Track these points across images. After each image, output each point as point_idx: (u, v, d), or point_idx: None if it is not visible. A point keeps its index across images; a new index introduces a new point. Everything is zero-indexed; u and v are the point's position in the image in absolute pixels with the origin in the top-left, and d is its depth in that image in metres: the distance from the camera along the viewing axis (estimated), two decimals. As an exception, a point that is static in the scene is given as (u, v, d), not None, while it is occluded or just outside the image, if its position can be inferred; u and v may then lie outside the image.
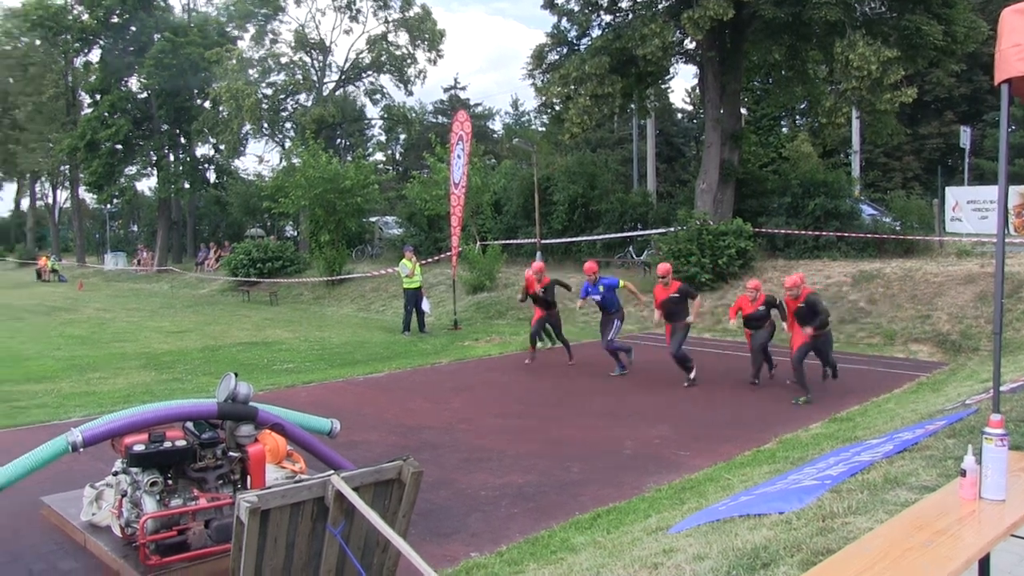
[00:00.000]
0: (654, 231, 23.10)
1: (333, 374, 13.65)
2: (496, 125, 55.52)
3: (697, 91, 33.86)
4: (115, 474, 6.25)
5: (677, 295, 12.22)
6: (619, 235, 24.68)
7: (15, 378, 13.81)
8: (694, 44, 22.26)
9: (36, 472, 5.87)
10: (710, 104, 22.12)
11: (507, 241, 26.47)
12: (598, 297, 13.15)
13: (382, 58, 40.86)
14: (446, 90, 54.88)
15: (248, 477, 6.15)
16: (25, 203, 72.54)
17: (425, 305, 19.00)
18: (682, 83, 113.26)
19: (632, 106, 25.46)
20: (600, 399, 11.28)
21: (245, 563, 4.20)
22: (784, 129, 37.99)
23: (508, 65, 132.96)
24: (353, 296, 26.68)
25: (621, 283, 13.37)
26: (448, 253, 22.79)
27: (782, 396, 11.07)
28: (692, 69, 32.00)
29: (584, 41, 22.88)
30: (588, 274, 13.22)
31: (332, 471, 4.61)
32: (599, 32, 22.41)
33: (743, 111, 28.33)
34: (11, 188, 75.90)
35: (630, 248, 24.91)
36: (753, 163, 25.64)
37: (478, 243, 25.28)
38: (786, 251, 20.77)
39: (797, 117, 38.97)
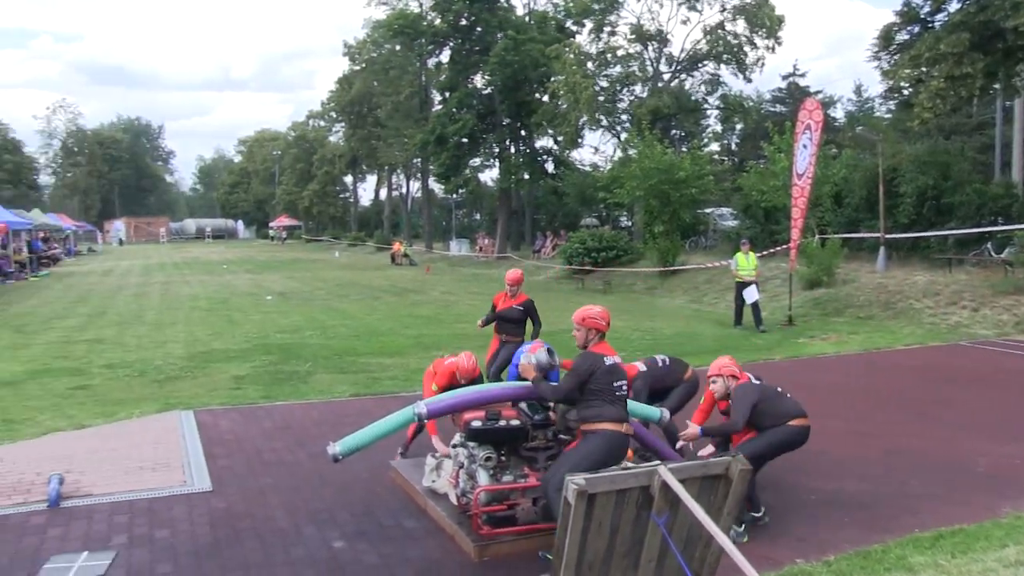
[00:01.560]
0: (1020, 226, 20.86)
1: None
2: (837, 113, 52.66)
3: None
4: (454, 447, 6.72)
5: None
6: (976, 230, 22.54)
7: (371, 351, 15.28)
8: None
9: (386, 437, 6.50)
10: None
11: (847, 235, 25.10)
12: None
13: (719, 47, 40.14)
14: (784, 77, 52.83)
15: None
16: (383, 193, 79.77)
17: (748, 295, 18.26)
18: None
19: (996, 86, 23.10)
20: (949, 408, 10.42)
21: (569, 543, 4.34)
22: None
23: (850, 49, 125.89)
24: (685, 287, 26.60)
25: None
26: (784, 246, 22.03)
27: None
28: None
29: (939, 17, 21.05)
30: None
31: (659, 461, 4.65)
32: (958, 5, 20.51)
33: None
34: (372, 179, 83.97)
35: (988, 245, 22.67)
36: None
37: (816, 236, 24.22)
38: None
39: None
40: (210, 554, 6.04)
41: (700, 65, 42.52)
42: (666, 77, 42.14)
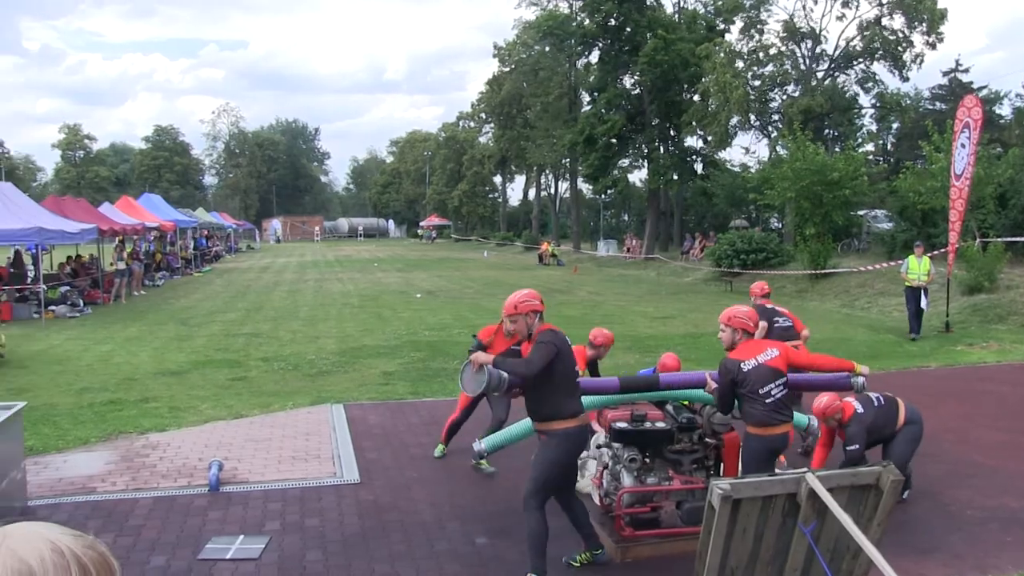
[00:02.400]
0: None
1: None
2: (1003, 110, 49.63)
3: None
4: (598, 447, 6.71)
5: None
6: None
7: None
8: None
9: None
10: None
11: (1013, 239, 23.66)
12: None
13: (875, 43, 38.45)
14: (945, 73, 50.24)
15: (721, 464, 6.26)
16: (532, 193, 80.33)
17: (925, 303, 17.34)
18: None
19: None
20: None
21: (713, 548, 4.28)
22: None
23: (1018, 41, 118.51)
24: (837, 291, 25.71)
25: None
26: (942, 250, 20.98)
27: None
28: None
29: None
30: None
31: (806, 468, 4.51)
32: None
33: None
34: (520, 180, 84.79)
35: None
36: None
37: (978, 240, 22.94)
38: None
39: None
40: (357, 544, 6.23)
41: (855, 63, 40.92)
42: (819, 75, 40.77)
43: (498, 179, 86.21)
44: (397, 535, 6.35)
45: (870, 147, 48.65)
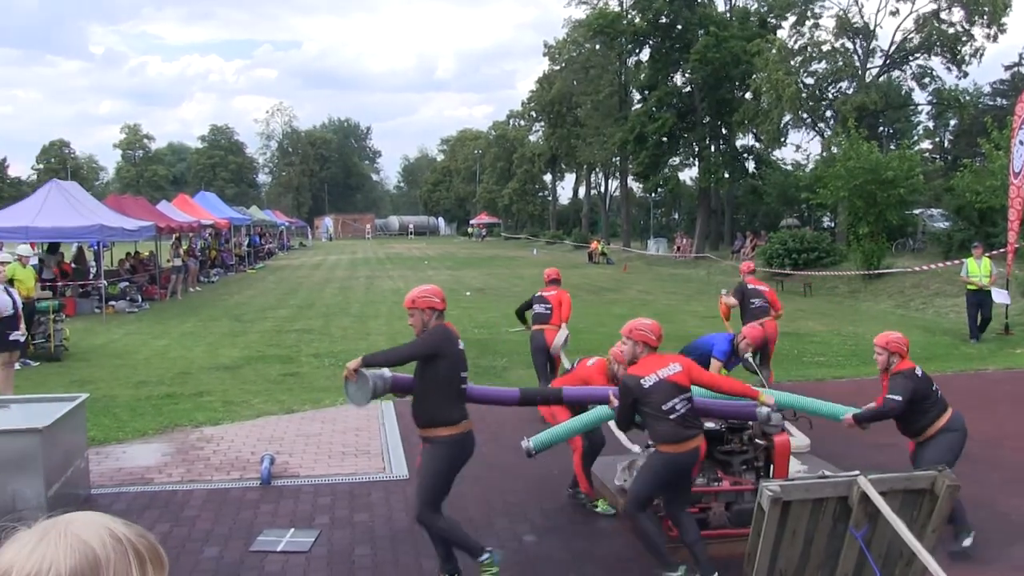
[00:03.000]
0: None
1: (865, 371, 13.10)
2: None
3: None
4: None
5: None
6: None
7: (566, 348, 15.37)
8: None
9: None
10: None
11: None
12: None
13: (932, 37, 37.55)
14: (1007, 68, 49.06)
15: (771, 466, 6.20)
16: (581, 191, 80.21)
17: (1000, 297, 16.81)
18: None
19: None
20: None
21: (762, 550, 4.25)
22: None
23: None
24: (891, 292, 25.28)
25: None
26: (1001, 250, 20.53)
27: None
28: None
29: None
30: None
31: (858, 471, 4.46)
32: None
33: None
34: (570, 178, 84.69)
35: None
36: None
37: (1039, 239, 22.43)
38: None
39: None
40: (405, 539, 6.30)
41: (911, 58, 40.11)
42: (873, 72, 40.06)
43: (548, 177, 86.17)
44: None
45: (926, 144, 47.72)
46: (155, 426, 9.60)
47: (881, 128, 42.86)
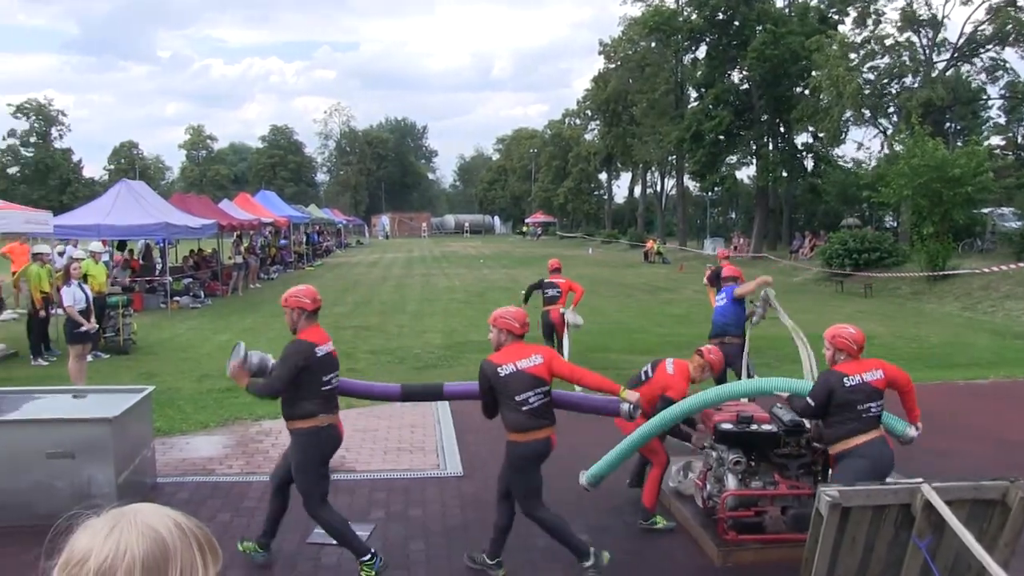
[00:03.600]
0: None
1: (929, 375, 12.85)
2: None
3: None
4: (702, 449, 6.63)
5: None
6: None
7: (621, 348, 15.36)
8: None
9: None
10: None
11: None
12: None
13: (1006, 27, 36.20)
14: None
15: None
16: (637, 190, 79.80)
17: None
18: None
19: None
20: None
21: (819, 557, 4.19)
22: None
23: None
24: (957, 293, 24.68)
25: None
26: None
27: None
28: None
29: None
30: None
31: (921, 479, 4.37)
32: None
33: None
34: (626, 177, 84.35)
35: None
36: None
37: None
38: None
39: None
40: (459, 536, 6.34)
41: (981, 50, 38.95)
42: (939, 66, 38.99)
43: (603, 176, 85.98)
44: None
45: (997, 140, 46.43)
46: (217, 419, 9.83)
47: (948, 124, 41.85)
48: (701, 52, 50.77)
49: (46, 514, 6.16)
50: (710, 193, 58.60)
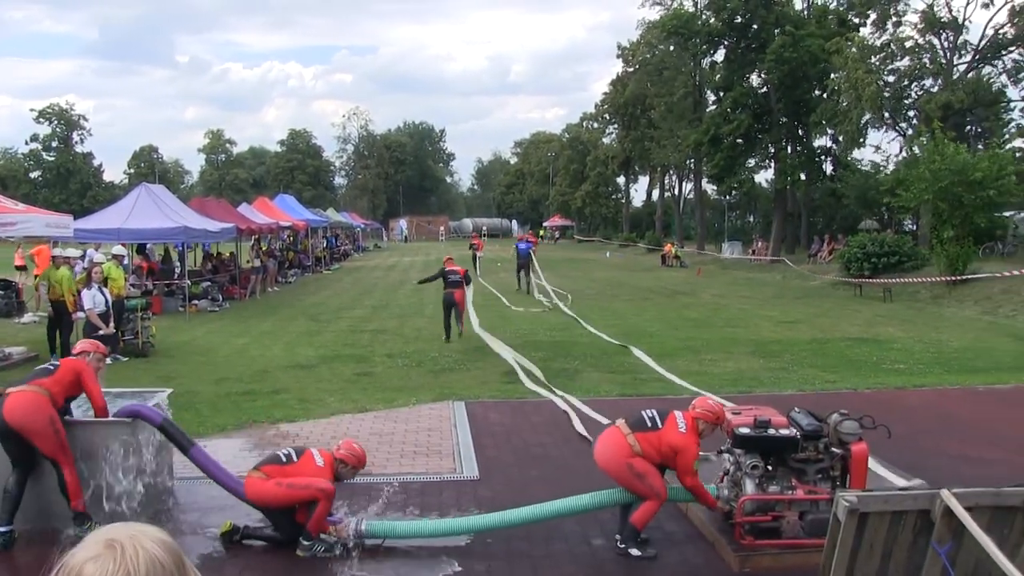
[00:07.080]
0: None
1: (949, 380, 12.76)
2: None
3: None
4: (719, 453, 6.60)
5: None
6: None
7: (639, 351, 15.25)
8: None
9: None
10: None
11: None
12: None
13: (1031, 29, 35.78)
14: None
15: (848, 476, 6.07)
16: (655, 194, 79.51)
17: None
18: None
19: None
20: None
21: (837, 563, 4.16)
22: None
23: None
24: (977, 298, 24.47)
25: None
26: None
27: None
28: None
29: None
30: None
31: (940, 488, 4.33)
32: None
33: None
34: (644, 180, 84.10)
35: None
36: None
37: None
38: None
39: None
40: (475, 540, 6.33)
41: (1003, 52, 38.59)
42: (960, 68, 38.64)
43: (621, 180, 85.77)
44: (515, 533, 6.40)
45: (1020, 143, 46.01)
46: (234, 421, 9.87)
47: (968, 127, 41.51)
48: (719, 55, 50.56)
49: (65, 516, 6.22)
50: (728, 197, 58.41)
